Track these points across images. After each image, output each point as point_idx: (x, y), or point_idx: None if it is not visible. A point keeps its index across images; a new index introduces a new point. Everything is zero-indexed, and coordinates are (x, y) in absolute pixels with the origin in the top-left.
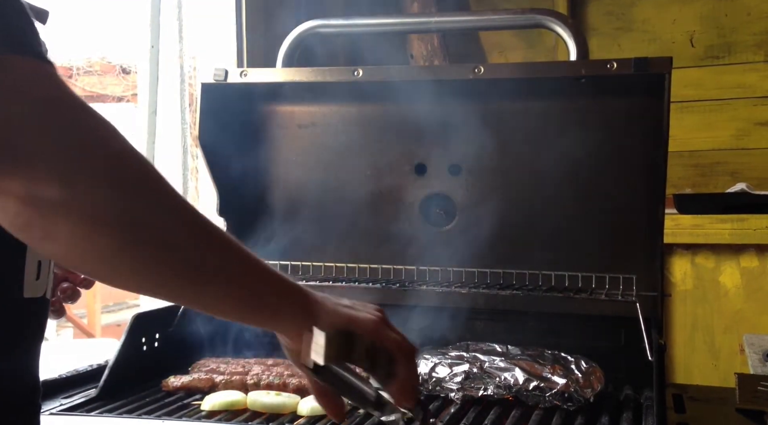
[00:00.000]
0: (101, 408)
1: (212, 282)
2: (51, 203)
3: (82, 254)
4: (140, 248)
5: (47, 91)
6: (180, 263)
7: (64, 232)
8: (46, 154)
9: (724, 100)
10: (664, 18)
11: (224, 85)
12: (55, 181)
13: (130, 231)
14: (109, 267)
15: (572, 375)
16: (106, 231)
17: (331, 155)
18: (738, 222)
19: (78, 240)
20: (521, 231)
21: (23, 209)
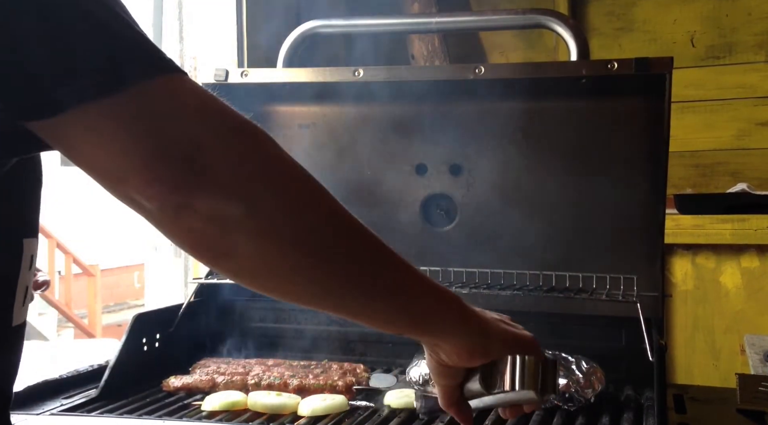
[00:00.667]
0: (102, 409)
1: (384, 296)
2: (234, 220)
3: (260, 270)
4: (318, 265)
5: (224, 111)
6: (354, 279)
7: (245, 249)
8: (231, 173)
9: (725, 100)
10: (664, 18)
11: (224, 85)
12: (239, 199)
13: (308, 248)
14: (286, 283)
15: (573, 376)
16: (285, 250)
17: (331, 155)
18: (739, 222)
19: (258, 258)
20: (521, 231)
21: (206, 226)
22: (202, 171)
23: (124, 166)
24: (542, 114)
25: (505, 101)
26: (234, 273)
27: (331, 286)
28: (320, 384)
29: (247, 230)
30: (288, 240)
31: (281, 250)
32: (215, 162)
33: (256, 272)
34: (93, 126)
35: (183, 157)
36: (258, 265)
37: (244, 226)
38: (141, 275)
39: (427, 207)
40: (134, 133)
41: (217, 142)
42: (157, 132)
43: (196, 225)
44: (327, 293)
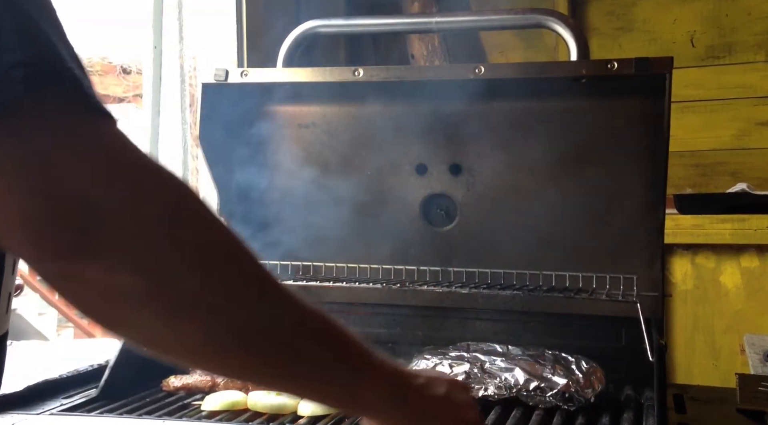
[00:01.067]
0: (102, 408)
1: (298, 369)
2: (133, 293)
3: (163, 342)
4: (225, 337)
5: (142, 169)
6: (271, 360)
7: (145, 322)
8: (131, 244)
9: (725, 100)
10: (664, 18)
11: (225, 85)
12: (137, 274)
13: (215, 320)
14: (192, 354)
15: (573, 376)
16: (190, 322)
17: (331, 155)
18: (738, 222)
19: (160, 329)
20: (521, 231)
21: (96, 297)
22: (98, 240)
23: (2, 216)
24: (542, 114)
25: (505, 101)
26: (138, 342)
27: (245, 360)
28: None
29: (148, 302)
30: (194, 315)
31: (186, 324)
32: (114, 230)
33: (162, 344)
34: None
35: (76, 222)
36: (162, 338)
37: (144, 299)
38: None
39: (427, 207)
40: (22, 179)
41: (120, 207)
42: (51, 185)
43: (83, 294)
44: (243, 368)
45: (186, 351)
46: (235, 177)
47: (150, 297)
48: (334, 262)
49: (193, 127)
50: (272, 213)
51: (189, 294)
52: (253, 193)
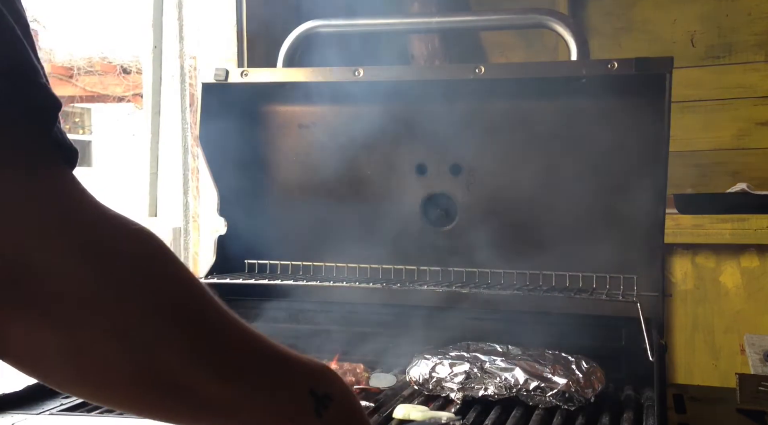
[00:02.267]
0: (102, 408)
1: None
2: (55, 355)
3: (88, 397)
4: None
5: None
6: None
7: (68, 379)
8: (56, 302)
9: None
10: (664, 18)
11: (225, 85)
12: (58, 330)
13: (146, 386)
14: (121, 408)
15: (573, 376)
16: (118, 388)
17: (331, 155)
18: (739, 222)
19: (83, 391)
20: (521, 231)
21: (18, 352)
22: (22, 295)
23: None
24: (542, 114)
25: (505, 101)
26: (64, 391)
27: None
28: None
29: (76, 368)
30: (130, 383)
31: (120, 392)
32: (41, 287)
33: (89, 398)
34: None
35: (4, 278)
36: (91, 397)
37: (70, 363)
38: None
39: (427, 207)
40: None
41: (54, 264)
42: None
43: (6, 350)
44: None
45: (120, 406)
46: (235, 177)
47: (70, 357)
48: (334, 262)
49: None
50: (272, 213)
51: (118, 360)
52: (253, 193)
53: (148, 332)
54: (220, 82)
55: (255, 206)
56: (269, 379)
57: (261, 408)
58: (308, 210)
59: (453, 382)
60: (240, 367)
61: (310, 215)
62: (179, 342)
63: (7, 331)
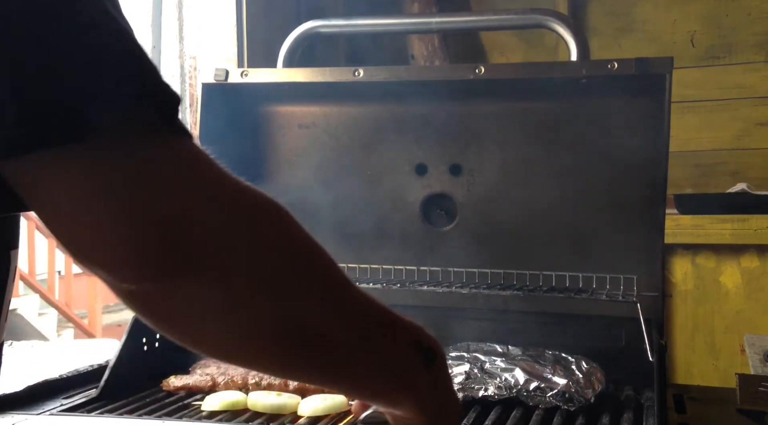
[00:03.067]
0: (102, 408)
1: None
2: (214, 308)
3: (232, 357)
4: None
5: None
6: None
7: (218, 338)
8: (219, 259)
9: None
10: (664, 18)
11: (224, 85)
12: (222, 290)
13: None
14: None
15: (573, 376)
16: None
17: (331, 155)
18: (739, 222)
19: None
20: (521, 231)
21: (179, 314)
22: (188, 255)
23: (95, 240)
24: (542, 114)
25: (505, 101)
26: (203, 354)
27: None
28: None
29: (229, 322)
30: (274, 335)
31: (263, 344)
32: (204, 243)
33: (230, 359)
34: (61, 181)
35: (167, 238)
36: (235, 355)
37: (225, 317)
38: None
39: (427, 207)
40: (114, 200)
41: (209, 218)
42: (141, 201)
43: (170, 312)
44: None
45: (259, 364)
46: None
47: (228, 312)
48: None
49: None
50: None
51: (264, 312)
52: None
53: (291, 283)
54: (220, 82)
55: None
56: (383, 331)
57: (379, 359)
58: (308, 210)
59: (453, 382)
60: (364, 318)
61: (309, 215)
62: (318, 293)
63: (173, 293)
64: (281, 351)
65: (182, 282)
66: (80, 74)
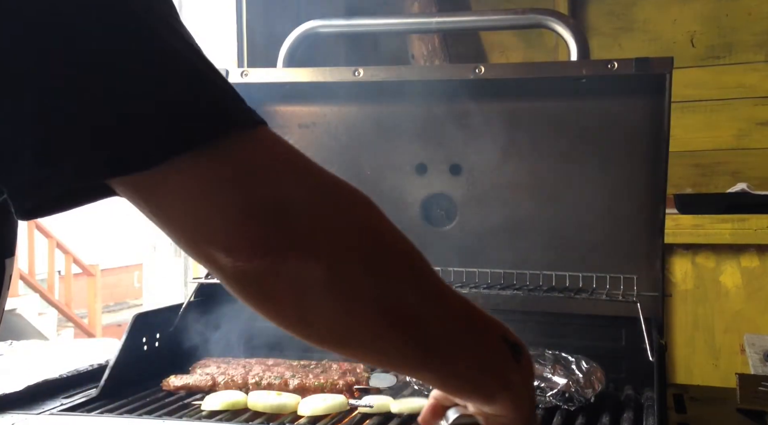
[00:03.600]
0: (102, 408)
1: (451, 363)
2: (319, 287)
3: (339, 338)
4: (395, 333)
5: (312, 167)
6: (424, 349)
7: (326, 317)
8: (322, 236)
9: (725, 99)
10: (664, 18)
11: None
12: (327, 265)
13: (395, 320)
14: (365, 351)
15: (573, 375)
16: (364, 316)
17: (331, 155)
18: (738, 222)
19: (339, 326)
20: (521, 231)
21: (288, 292)
22: (293, 233)
23: (213, 225)
24: (542, 114)
25: (505, 101)
26: (308, 338)
27: (411, 356)
28: (320, 384)
29: (332, 298)
30: (370, 308)
31: (365, 321)
32: (306, 223)
33: (333, 339)
34: (183, 182)
35: (275, 218)
36: (337, 334)
37: (328, 293)
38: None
39: (427, 207)
40: (228, 190)
41: (309, 200)
42: (250, 188)
43: (277, 290)
44: (405, 360)
45: (359, 344)
46: None
47: (335, 291)
48: None
49: None
50: None
51: (368, 290)
52: None
53: (387, 263)
54: None
55: None
56: (474, 320)
57: (473, 347)
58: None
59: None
60: (454, 305)
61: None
62: (412, 275)
63: (280, 270)
64: (380, 330)
65: (288, 259)
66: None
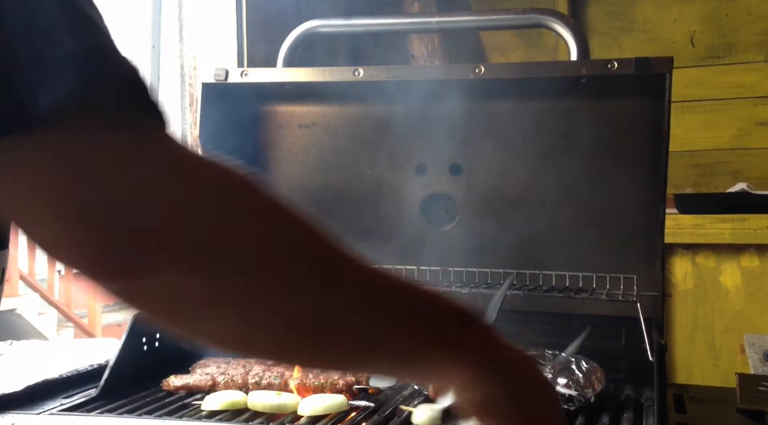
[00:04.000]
0: (102, 408)
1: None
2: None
3: (234, 341)
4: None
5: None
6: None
7: (214, 323)
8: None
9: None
10: (664, 18)
11: (225, 84)
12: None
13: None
14: (265, 352)
15: (573, 376)
16: (255, 321)
17: (331, 155)
18: (738, 222)
19: (229, 329)
20: (521, 231)
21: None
22: (150, 245)
23: (52, 235)
24: (542, 114)
25: (505, 101)
26: (208, 345)
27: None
28: (320, 384)
29: (211, 308)
30: (268, 320)
31: (260, 331)
32: (164, 231)
33: (231, 347)
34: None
35: (124, 230)
36: (229, 339)
37: (207, 305)
38: None
39: (427, 207)
40: (61, 191)
41: (167, 204)
42: (88, 193)
43: (155, 304)
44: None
45: (259, 348)
46: None
47: (214, 298)
48: None
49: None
50: None
51: (251, 292)
52: None
53: (275, 262)
54: (220, 81)
55: None
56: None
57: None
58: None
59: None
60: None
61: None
62: (307, 269)
63: (153, 287)
64: (278, 336)
65: (156, 274)
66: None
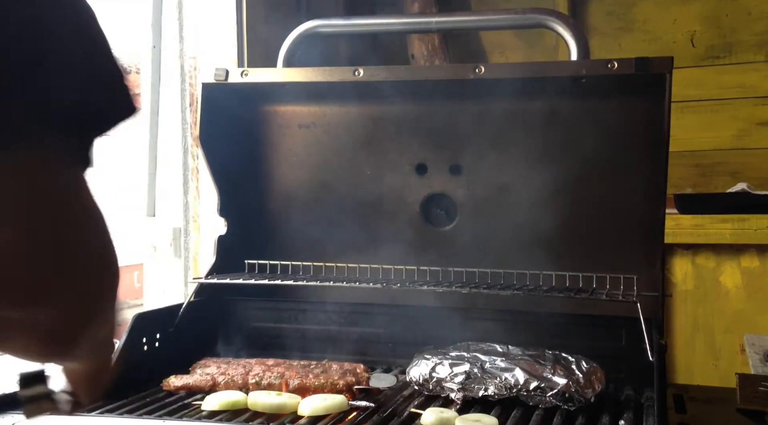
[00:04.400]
0: (101, 408)
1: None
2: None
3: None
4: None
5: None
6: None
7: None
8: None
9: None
10: (664, 18)
11: (225, 84)
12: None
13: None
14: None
15: (573, 376)
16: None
17: (331, 155)
18: (739, 222)
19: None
20: (521, 231)
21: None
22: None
23: None
24: (542, 114)
25: (505, 101)
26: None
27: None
28: (320, 384)
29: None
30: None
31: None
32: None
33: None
34: None
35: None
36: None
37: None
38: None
39: (427, 207)
40: None
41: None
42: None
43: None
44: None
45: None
46: (234, 177)
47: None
48: (334, 262)
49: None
50: (272, 213)
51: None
52: (253, 193)
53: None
54: (220, 82)
55: (255, 206)
56: None
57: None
58: (308, 210)
59: (453, 382)
60: None
61: (310, 215)
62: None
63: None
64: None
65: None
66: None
